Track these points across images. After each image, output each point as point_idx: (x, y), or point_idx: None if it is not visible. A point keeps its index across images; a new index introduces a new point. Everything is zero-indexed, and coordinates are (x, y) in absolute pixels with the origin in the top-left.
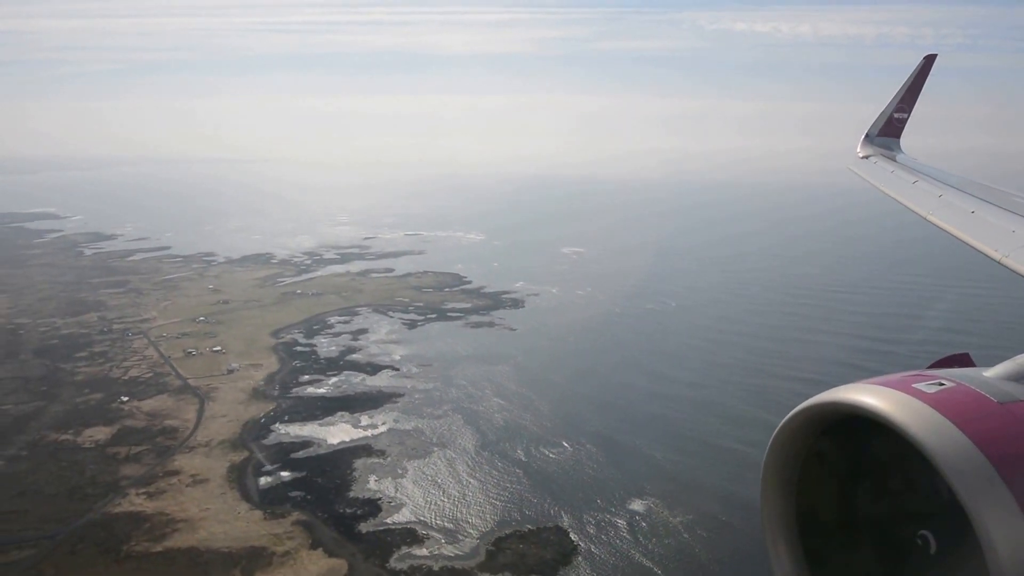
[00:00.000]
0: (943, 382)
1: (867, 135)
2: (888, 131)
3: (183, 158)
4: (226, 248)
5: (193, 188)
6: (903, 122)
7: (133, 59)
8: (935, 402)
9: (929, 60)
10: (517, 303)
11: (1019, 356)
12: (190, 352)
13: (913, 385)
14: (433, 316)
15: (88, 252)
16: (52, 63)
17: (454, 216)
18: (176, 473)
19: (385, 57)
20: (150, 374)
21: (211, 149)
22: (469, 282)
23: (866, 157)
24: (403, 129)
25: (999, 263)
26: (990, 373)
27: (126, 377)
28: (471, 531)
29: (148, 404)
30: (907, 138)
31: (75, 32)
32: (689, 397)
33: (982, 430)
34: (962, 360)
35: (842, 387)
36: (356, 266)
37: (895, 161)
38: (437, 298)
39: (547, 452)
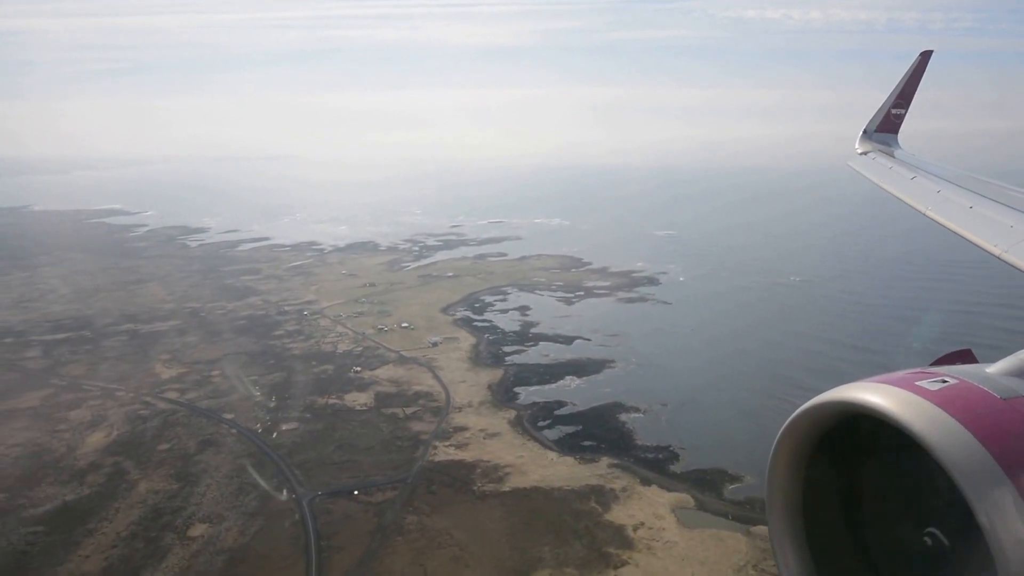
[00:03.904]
0: (946, 379)
1: (865, 131)
2: (886, 127)
3: (191, 157)
4: (326, 237)
5: (231, 185)
6: (901, 118)
7: (133, 58)
8: (939, 399)
9: (925, 56)
10: (652, 281)
11: (1021, 351)
12: (381, 328)
13: (916, 383)
14: (581, 293)
15: (192, 244)
16: (45, 63)
17: (520, 204)
18: (465, 429)
19: (390, 52)
20: (360, 348)
21: (217, 148)
22: (589, 263)
23: (864, 153)
24: (411, 124)
25: (999, 258)
26: (993, 369)
27: (339, 351)
28: None
29: (382, 373)
30: (916, 121)
31: (73, 31)
32: (873, 361)
33: (986, 426)
34: (964, 356)
35: (846, 385)
36: (466, 251)
37: (893, 157)
38: (571, 277)
39: (782, 404)
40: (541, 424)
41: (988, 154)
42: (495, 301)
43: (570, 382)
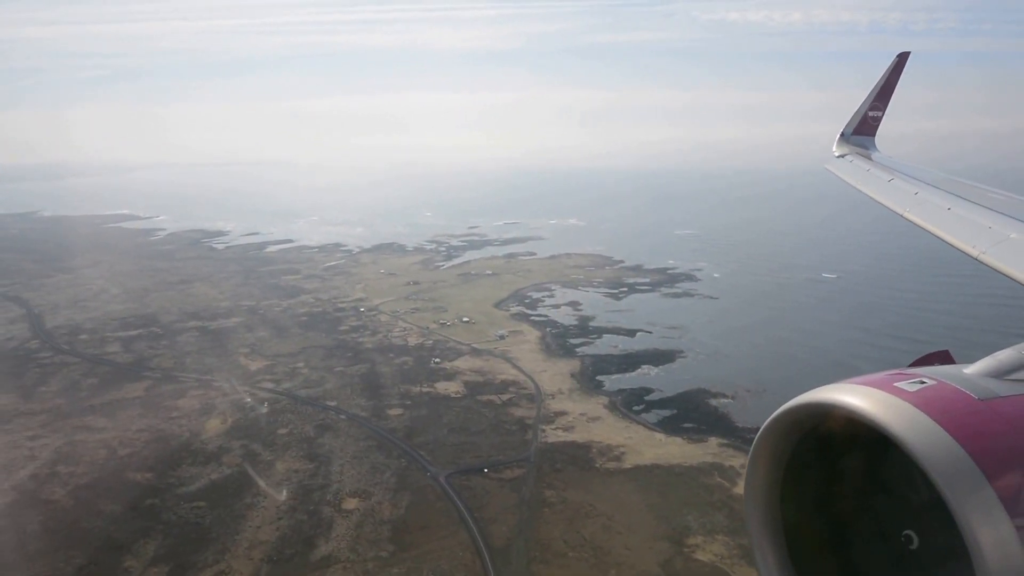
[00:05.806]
0: (924, 380)
1: (842, 134)
2: (863, 129)
3: (184, 163)
4: (349, 239)
5: (231, 190)
6: (878, 120)
7: (116, 65)
8: (917, 400)
9: (902, 58)
10: (689, 277)
11: (999, 352)
12: (443, 323)
13: (895, 384)
14: (624, 289)
15: (219, 246)
16: (32, 71)
17: (529, 206)
18: (565, 413)
19: (376, 56)
20: (430, 342)
21: (209, 154)
22: (621, 261)
23: (842, 156)
24: (398, 127)
25: (976, 260)
26: (970, 370)
27: (411, 344)
28: None
29: (462, 364)
30: (899, 123)
31: (59, 39)
32: (926, 351)
33: (964, 427)
34: (942, 357)
35: (824, 387)
36: (494, 251)
37: (870, 159)
38: (609, 275)
39: None
40: (636, 408)
41: (974, 156)
42: (543, 297)
43: (648, 371)
